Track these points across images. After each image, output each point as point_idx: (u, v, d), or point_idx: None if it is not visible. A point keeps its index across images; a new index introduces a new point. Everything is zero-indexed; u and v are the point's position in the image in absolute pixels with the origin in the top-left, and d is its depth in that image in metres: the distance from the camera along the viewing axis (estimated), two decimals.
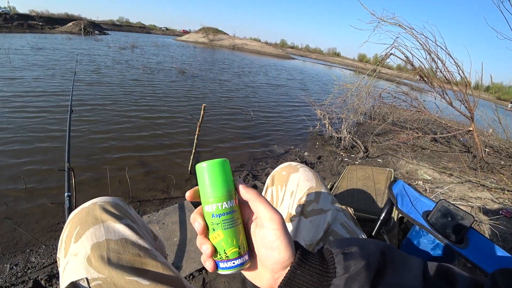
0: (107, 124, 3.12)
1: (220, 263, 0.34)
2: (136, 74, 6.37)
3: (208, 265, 0.34)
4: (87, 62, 7.12)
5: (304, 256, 0.32)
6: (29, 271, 1.26)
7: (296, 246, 0.34)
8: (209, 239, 0.35)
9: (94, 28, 26.30)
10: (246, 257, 0.34)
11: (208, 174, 0.34)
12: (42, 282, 1.19)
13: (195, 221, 0.35)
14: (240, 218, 0.36)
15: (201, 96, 5.29)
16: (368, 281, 0.29)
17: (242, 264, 0.34)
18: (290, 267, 0.32)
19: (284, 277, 0.32)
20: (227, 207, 0.34)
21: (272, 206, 0.34)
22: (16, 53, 7.24)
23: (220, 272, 0.35)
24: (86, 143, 2.61)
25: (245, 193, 0.35)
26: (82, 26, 23.80)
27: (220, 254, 0.34)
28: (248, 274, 0.37)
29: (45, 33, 19.09)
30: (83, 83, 4.76)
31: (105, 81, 5.18)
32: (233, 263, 0.33)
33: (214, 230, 0.34)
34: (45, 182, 1.95)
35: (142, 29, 54.29)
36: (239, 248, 0.34)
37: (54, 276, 1.23)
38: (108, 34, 26.96)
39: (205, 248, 0.34)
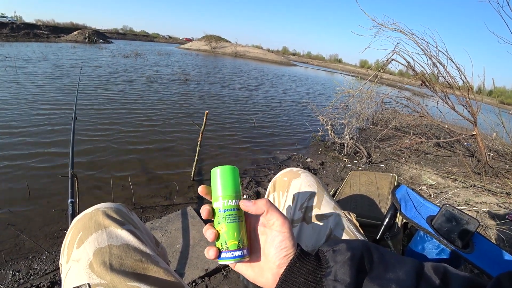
0: (110, 132, 3.15)
1: (221, 254, 0.38)
2: (139, 82, 6.44)
3: (211, 253, 0.38)
4: (91, 70, 7.22)
5: (302, 253, 0.37)
6: (32, 277, 1.26)
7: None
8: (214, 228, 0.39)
9: (98, 36, 26.78)
10: (245, 251, 0.39)
11: (219, 176, 0.40)
12: None
13: (203, 208, 0.39)
14: (243, 217, 0.40)
15: (203, 103, 5.34)
16: (353, 268, 0.34)
17: (240, 257, 0.38)
18: (290, 260, 0.36)
19: (284, 269, 0.36)
20: (231, 204, 0.39)
21: (282, 213, 0.39)
22: (21, 62, 7.36)
23: (220, 261, 0.39)
24: (89, 150, 2.63)
25: (257, 208, 0.38)
26: (86, 35, 24.25)
27: (221, 245, 0.38)
28: (251, 275, 0.40)
29: (50, 42, 19.45)
30: (88, 90, 4.83)
31: (108, 89, 5.25)
32: (232, 254, 0.38)
33: (219, 223, 0.39)
34: (48, 189, 1.97)
35: (145, 37, 55.10)
36: (239, 242, 0.38)
37: (56, 283, 1.23)
38: (112, 42, 27.43)
39: (209, 232, 0.38)
